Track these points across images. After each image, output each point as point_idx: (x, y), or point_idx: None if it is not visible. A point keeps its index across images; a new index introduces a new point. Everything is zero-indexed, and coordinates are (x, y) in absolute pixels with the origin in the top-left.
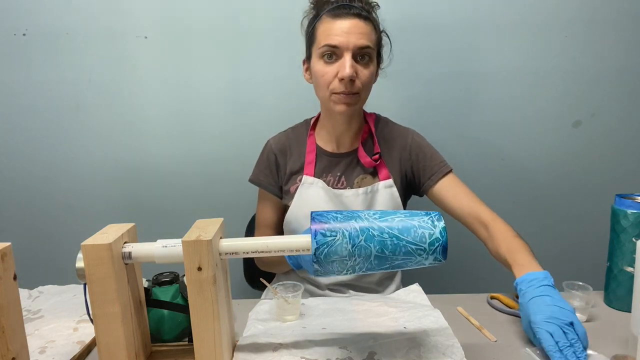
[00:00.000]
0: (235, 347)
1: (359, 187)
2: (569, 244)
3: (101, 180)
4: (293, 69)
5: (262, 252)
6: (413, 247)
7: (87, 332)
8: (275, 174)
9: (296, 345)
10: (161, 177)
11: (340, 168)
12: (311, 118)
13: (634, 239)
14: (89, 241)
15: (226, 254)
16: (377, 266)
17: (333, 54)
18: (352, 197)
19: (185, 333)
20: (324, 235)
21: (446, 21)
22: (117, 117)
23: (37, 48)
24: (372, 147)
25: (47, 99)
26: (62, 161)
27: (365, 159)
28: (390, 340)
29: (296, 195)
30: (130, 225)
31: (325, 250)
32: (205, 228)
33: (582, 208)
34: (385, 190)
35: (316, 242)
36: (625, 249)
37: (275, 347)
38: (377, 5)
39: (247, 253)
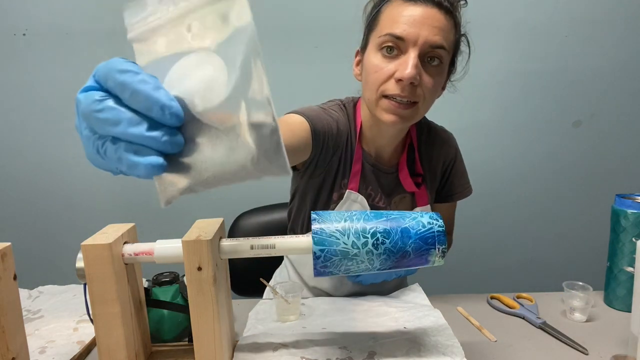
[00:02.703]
0: (235, 347)
1: (397, 209)
2: (569, 244)
3: (101, 180)
4: (294, 68)
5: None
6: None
7: (87, 332)
8: (331, 145)
9: (296, 345)
10: None
11: (382, 184)
12: (357, 101)
13: (634, 239)
14: (89, 241)
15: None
16: (375, 217)
17: (395, 47)
18: None
19: (185, 333)
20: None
21: None
22: None
23: (37, 48)
24: (414, 164)
25: (47, 99)
26: (62, 161)
27: (406, 180)
28: (390, 340)
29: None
30: (130, 225)
31: (324, 211)
32: (205, 228)
33: (582, 208)
34: None
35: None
36: (625, 249)
37: (275, 347)
38: (465, 0)
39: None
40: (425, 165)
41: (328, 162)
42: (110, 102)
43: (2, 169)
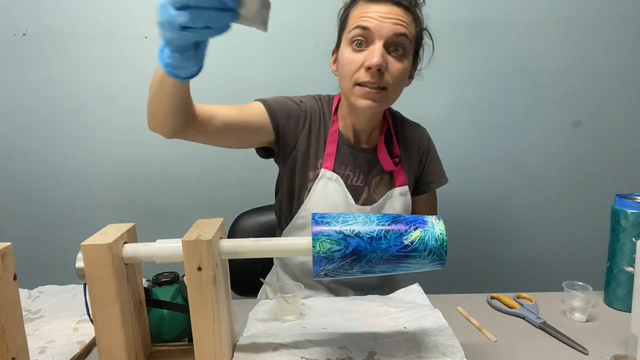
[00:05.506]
0: (235, 347)
1: (376, 190)
2: (569, 244)
3: (101, 180)
4: (295, 67)
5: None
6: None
7: (87, 332)
8: (293, 123)
9: (296, 345)
10: (161, 177)
11: (360, 164)
12: (334, 96)
13: (634, 239)
14: (89, 241)
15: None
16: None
17: (363, 40)
18: (372, 212)
19: (185, 333)
20: None
21: (446, 21)
22: (117, 118)
23: (37, 48)
24: (391, 146)
25: (47, 99)
26: (62, 161)
27: (386, 160)
28: (390, 340)
29: (314, 189)
30: (130, 225)
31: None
32: (205, 228)
33: (582, 208)
34: (400, 197)
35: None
36: (625, 249)
37: (275, 347)
38: (423, 0)
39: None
40: (402, 147)
41: (294, 139)
42: None
43: (2, 168)
